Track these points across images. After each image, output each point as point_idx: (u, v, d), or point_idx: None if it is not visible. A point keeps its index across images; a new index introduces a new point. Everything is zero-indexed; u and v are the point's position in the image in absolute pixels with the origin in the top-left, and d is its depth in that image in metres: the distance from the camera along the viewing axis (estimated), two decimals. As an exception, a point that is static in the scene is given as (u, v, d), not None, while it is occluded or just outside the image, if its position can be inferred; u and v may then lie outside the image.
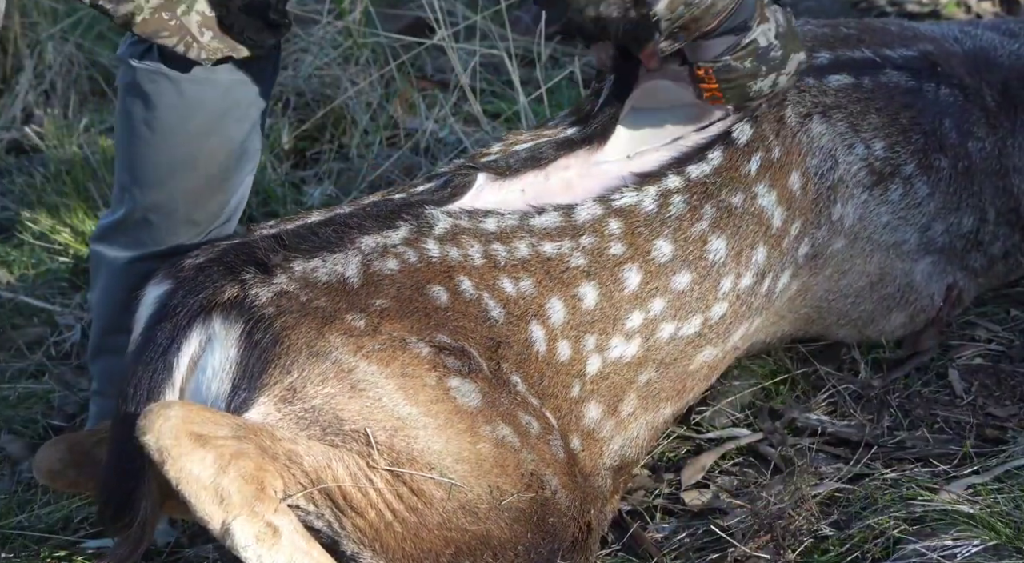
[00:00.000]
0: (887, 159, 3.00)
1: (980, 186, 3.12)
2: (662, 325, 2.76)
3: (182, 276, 2.56)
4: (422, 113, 4.21)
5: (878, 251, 3.03)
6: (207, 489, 2.31)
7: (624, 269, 2.73)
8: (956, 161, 3.09)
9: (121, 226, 2.96)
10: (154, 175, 2.91)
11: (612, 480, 2.74)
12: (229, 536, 2.32)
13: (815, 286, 2.98)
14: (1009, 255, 3.22)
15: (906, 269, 3.08)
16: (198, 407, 2.39)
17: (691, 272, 2.78)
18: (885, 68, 3.09)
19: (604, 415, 2.72)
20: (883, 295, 3.08)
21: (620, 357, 2.72)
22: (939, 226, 3.08)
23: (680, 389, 2.82)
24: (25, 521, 2.98)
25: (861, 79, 3.04)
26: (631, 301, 2.73)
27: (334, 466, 2.42)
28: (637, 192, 2.79)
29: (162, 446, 2.31)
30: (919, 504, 2.67)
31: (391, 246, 2.61)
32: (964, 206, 3.10)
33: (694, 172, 2.83)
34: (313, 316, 2.48)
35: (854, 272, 3.02)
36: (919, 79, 3.10)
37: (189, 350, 2.49)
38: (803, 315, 3.03)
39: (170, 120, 2.88)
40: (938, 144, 3.07)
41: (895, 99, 3.05)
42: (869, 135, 3.00)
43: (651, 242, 2.76)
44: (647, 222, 2.76)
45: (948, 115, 3.09)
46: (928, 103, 3.08)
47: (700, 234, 2.79)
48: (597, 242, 2.72)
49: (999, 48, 3.25)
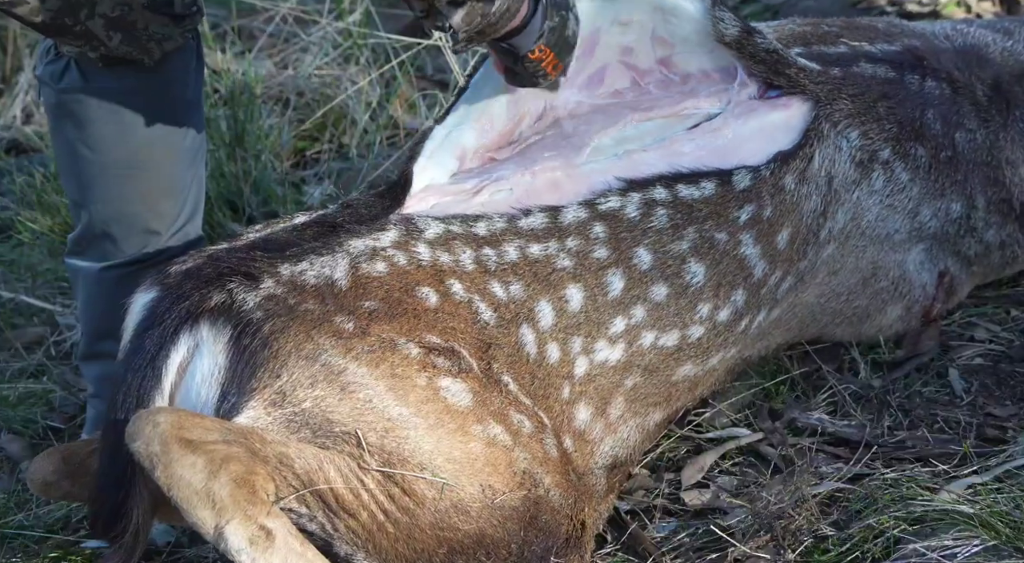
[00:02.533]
0: (863, 146, 3.00)
1: (966, 175, 3.12)
2: (643, 332, 2.75)
3: (169, 283, 2.56)
4: (422, 113, 4.21)
5: (871, 246, 3.03)
6: (198, 494, 2.31)
7: (608, 273, 2.73)
8: (938, 150, 3.09)
9: (84, 240, 2.97)
10: (102, 191, 2.90)
11: (606, 479, 2.74)
12: (223, 540, 2.32)
13: (805, 296, 2.98)
14: (1005, 246, 3.22)
15: (898, 260, 3.08)
16: (187, 413, 2.39)
17: (668, 286, 2.77)
18: (859, 61, 3.09)
19: (593, 417, 2.72)
20: (877, 289, 3.08)
21: (605, 360, 2.72)
22: (927, 211, 3.08)
23: (667, 396, 2.82)
24: (24, 521, 2.98)
25: (829, 69, 3.04)
26: (615, 306, 2.73)
27: (325, 468, 2.42)
28: (621, 197, 2.78)
29: (152, 452, 2.32)
30: (919, 504, 2.67)
31: (380, 249, 2.61)
32: (949, 192, 3.10)
33: (683, 191, 2.82)
34: (301, 319, 2.48)
35: (846, 270, 3.02)
36: (900, 71, 3.10)
37: (177, 356, 2.49)
38: (795, 324, 3.02)
39: (106, 136, 2.86)
40: (914, 133, 3.06)
41: (871, 89, 3.05)
42: (843, 125, 2.99)
43: (633, 249, 2.75)
44: (629, 228, 2.76)
45: (932, 106, 3.09)
46: (909, 94, 3.08)
47: (679, 253, 2.79)
48: (582, 245, 2.72)
49: (991, 45, 3.26)
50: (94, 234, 2.94)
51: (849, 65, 3.07)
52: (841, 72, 3.04)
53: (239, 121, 3.99)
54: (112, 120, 2.85)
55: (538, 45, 2.74)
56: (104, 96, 2.83)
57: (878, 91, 3.05)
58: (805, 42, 3.13)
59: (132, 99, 2.85)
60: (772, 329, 2.97)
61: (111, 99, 2.84)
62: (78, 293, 3.04)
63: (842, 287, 3.03)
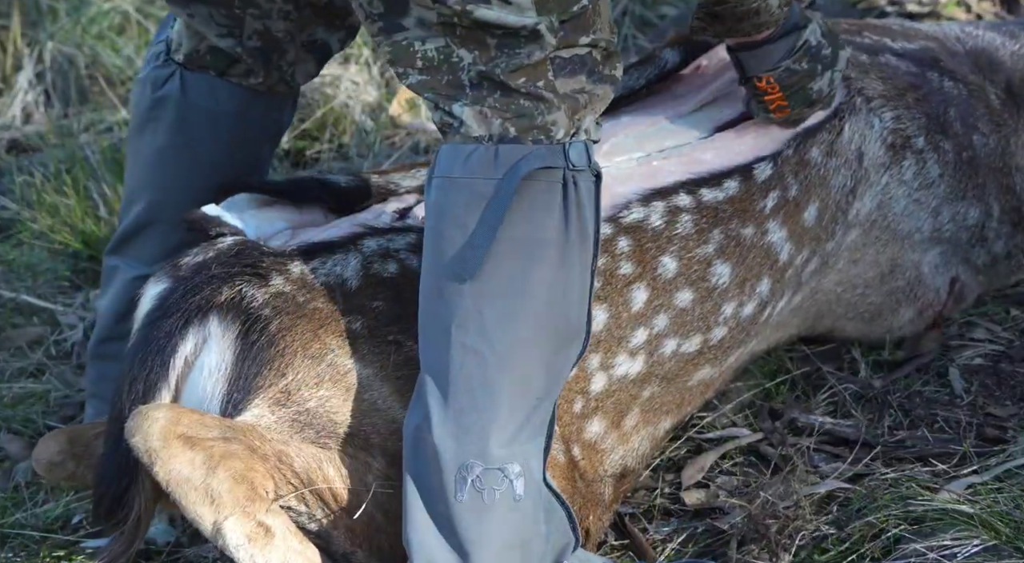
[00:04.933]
0: (896, 130, 2.98)
1: (984, 179, 3.11)
2: (665, 341, 2.72)
3: (180, 275, 2.55)
4: (422, 113, 4.20)
5: (892, 241, 3.01)
6: (197, 490, 2.31)
7: (632, 289, 2.69)
8: (960, 150, 3.08)
9: (128, 236, 2.95)
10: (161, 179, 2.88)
11: (613, 489, 2.72)
12: (221, 536, 2.32)
13: (825, 281, 2.97)
14: (1011, 255, 3.21)
15: (916, 260, 3.07)
16: (186, 409, 2.39)
17: (693, 292, 2.74)
18: (884, 53, 3.09)
19: (608, 430, 2.69)
20: (892, 288, 3.06)
21: (626, 375, 2.69)
22: (947, 213, 3.06)
23: (680, 402, 2.80)
24: (24, 520, 2.98)
25: (859, 55, 3.04)
26: (637, 319, 2.69)
27: (325, 467, 2.42)
28: (644, 207, 2.74)
29: (150, 448, 2.32)
30: (919, 504, 2.67)
31: (393, 250, 2.59)
32: (970, 196, 3.09)
33: (707, 195, 2.78)
34: (309, 318, 2.47)
35: (865, 262, 3.00)
36: (922, 67, 3.10)
37: (185, 350, 2.48)
38: (812, 313, 3.01)
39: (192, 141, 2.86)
40: (941, 128, 3.05)
41: (900, 77, 3.05)
42: (878, 103, 2.97)
43: (657, 258, 2.71)
44: (654, 238, 2.72)
45: (953, 105, 3.08)
46: (932, 89, 3.08)
47: (705, 257, 2.75)
48: (608, 263, 2.68)
49: (1001, 49, 3.25)
50: (140, 226, 2.92)
51: (876, 55, 3.07)
52: (869, 59, 3.04)
53: (239, 121, 3.98)
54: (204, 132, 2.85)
55: (768, 76, 2.73)
56: (202, 114, 2.84)
57: (906, 81, 3.05)
58: None
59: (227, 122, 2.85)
60: (790, 318, 2.95)
61: (207, 118, 2.85)
62: (106, 291, 3.02)
63: (859, 279, 3.01)
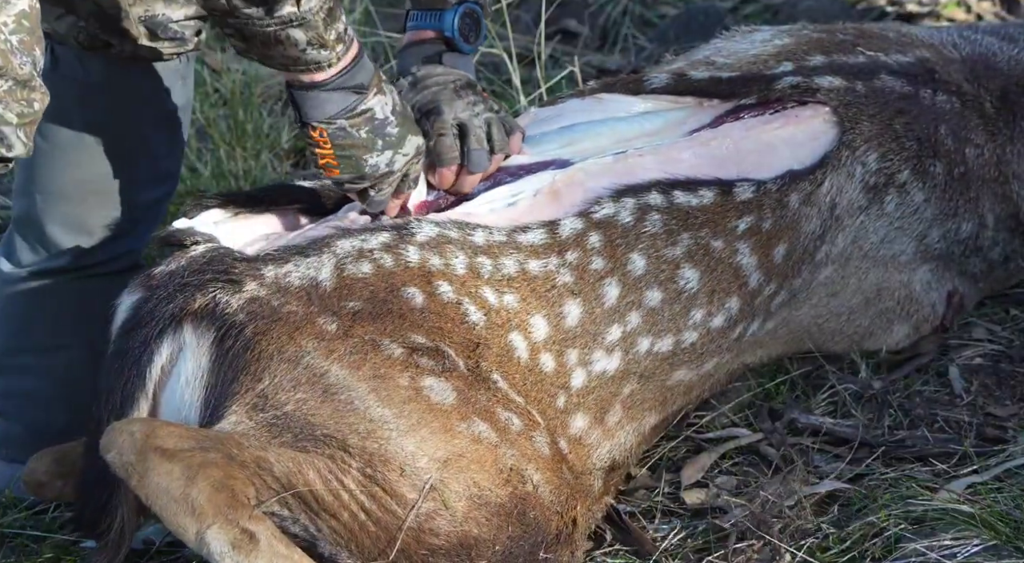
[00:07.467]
0: (880, 170, 2.98)
1: (978, 192, 3.11)
2: (639, 339, 2.74)
3: (153, 284, 2.56)
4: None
5: (874, 267, 3.01)
6: (177, 501, 2.31)
7: (604, 283, 2.71)
8: (952, 167, 3.07)
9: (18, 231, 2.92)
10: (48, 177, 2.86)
11: (603, 481, 2.73)
12: (204, 545, 2.32)
13: (799, 314, 2.98)
14: (1009, 260, 3.21)
15: (904, 280, 3.06)
16: (160, 422, 2.41)
17: (662, 291, 2.75)
18: (880, 73, 3.08)
19: (591, 425, 2.71)
20: (881, 309, 3.06)
21: (604, 371, 2.71)
22: (936, 233, 3.06)
23: (662, 400, 2.82)
24: (24, 520, 2.98)
25: (854, 83, 3.03)
26: (611, 314, 2.71)
27: (304, 470, 2.42)
28: (615, 203, 2.76)
29: (127, 462, 2.32)
30: (919, 503, 2.67)
31: (367, 250, 2.59)
32: (961, 211, 3.09)
33: (679, 198, 2.80)
34: (284, 321, 2.47)
35: (847, 292, 3.01)
36: (915, 85, 3.08)
37: (161, 359, 2.49)
38: (791, 339, 3.01)
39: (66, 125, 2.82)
40: (932, 150, 3.04)
41: (889, 105, 3.03)
42: (862, 150, 2.97)
43: (627, 255, 2.73)
44: (624, 234, 2.74)
45: (944, 121, 3.07)
46: (923, 109, 3.06)
47: (673, 258, 2.77)
48: (580, 257, 2.70)
49: (998, 54, 3.24)
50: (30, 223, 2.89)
51: (871, 78, 3.05)
52: (864, 88, 3.02)
53: (239, 121, 3.99)
54: (75, 112, 2.80)
55: (321, 127, 2.56)
56: (72, 86, 2.78)
57: (895, 107, 3.03)
58: (824, 51, 3.10)
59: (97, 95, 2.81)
60: (768, 339, 2.96)
61: (78, 90, 2.79)
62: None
63: (843, 308, 3.02)
